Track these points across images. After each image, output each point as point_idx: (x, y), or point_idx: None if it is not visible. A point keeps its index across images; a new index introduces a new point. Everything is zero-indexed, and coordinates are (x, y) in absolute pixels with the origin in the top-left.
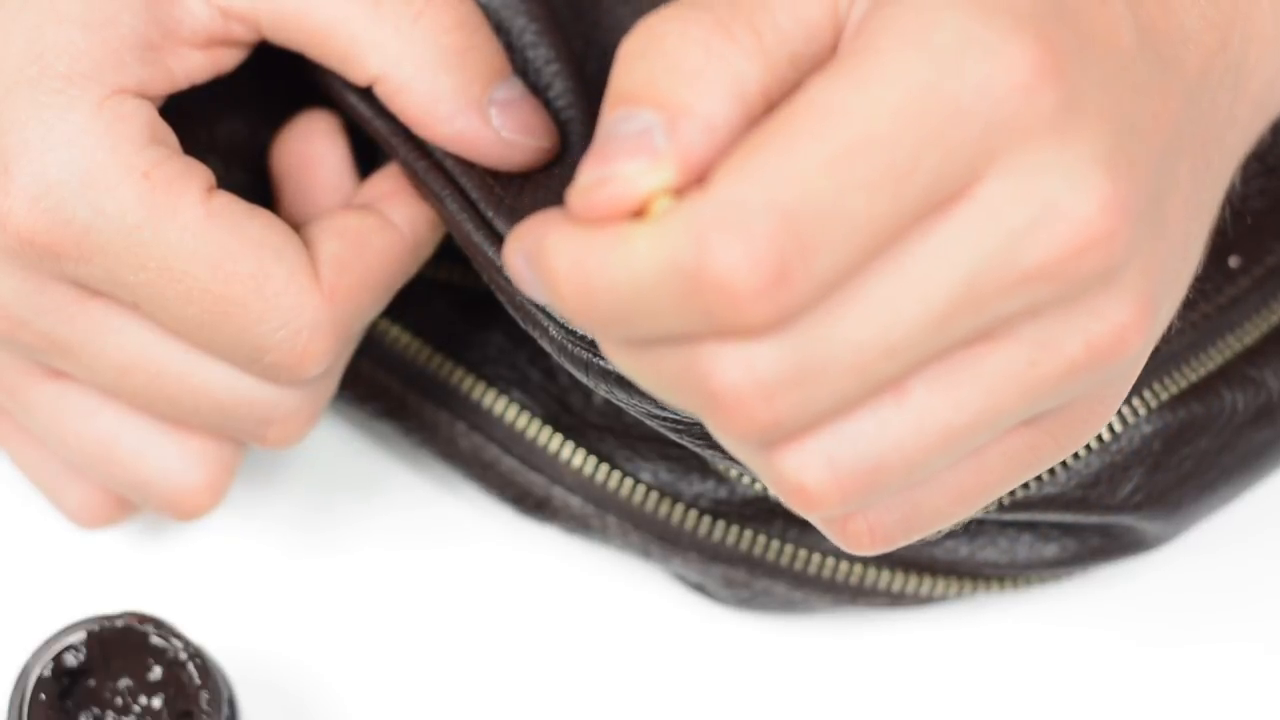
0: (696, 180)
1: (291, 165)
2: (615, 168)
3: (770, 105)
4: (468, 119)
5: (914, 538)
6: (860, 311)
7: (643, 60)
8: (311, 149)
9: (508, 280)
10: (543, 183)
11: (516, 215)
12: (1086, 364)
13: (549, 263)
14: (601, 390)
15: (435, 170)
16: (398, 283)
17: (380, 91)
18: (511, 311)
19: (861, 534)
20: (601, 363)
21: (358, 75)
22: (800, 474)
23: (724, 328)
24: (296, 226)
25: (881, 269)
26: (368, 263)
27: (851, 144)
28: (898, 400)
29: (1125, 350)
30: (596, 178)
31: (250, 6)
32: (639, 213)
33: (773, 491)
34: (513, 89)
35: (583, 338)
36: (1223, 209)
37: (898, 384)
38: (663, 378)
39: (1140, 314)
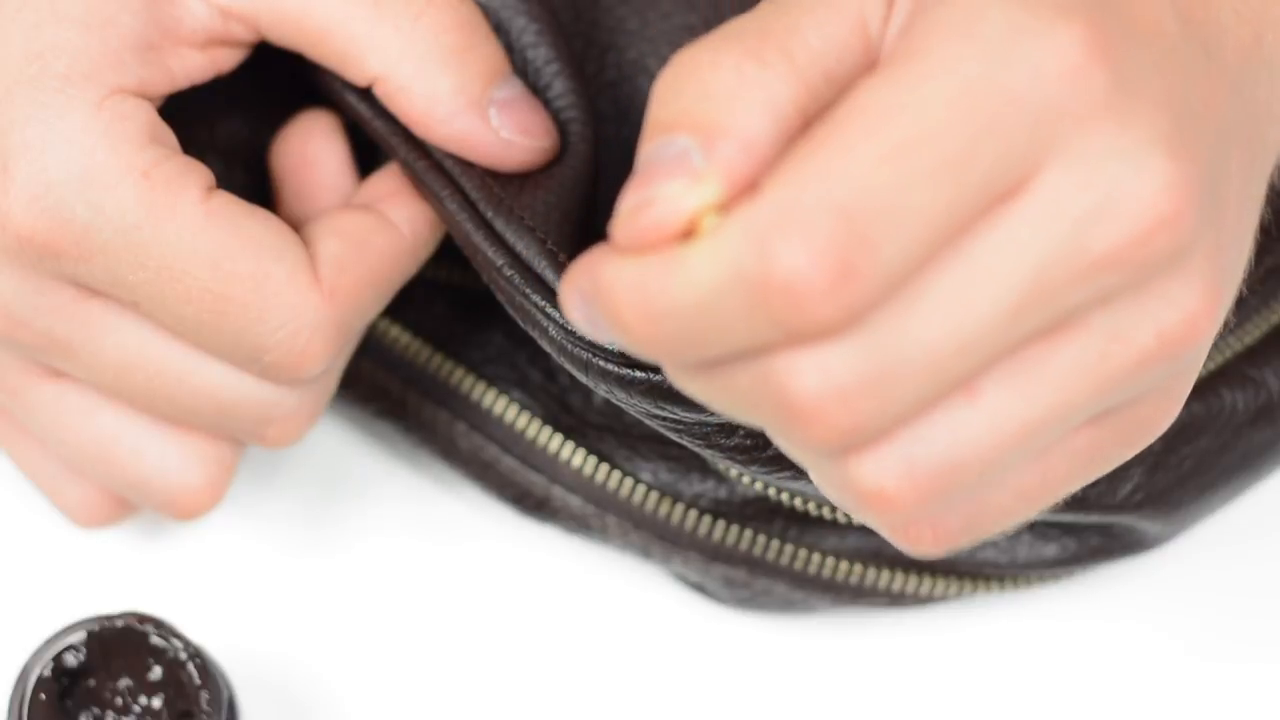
0: (741, 195)
1: (291, 165)
2: (655, 190)
3: (807, 122)
4: (467, 119)
5: (976, 539)
6: (930, 308)
7: (676, 91)
8: (311, 149)
9: (507, 280)
10: (543, 183)
11: (516, 215)
12: (1158, 353)
13: (609, 296)
14: (601, 390)
15: (435, 170)
16: (397, 283)
17: (380, 92)
18: (511, 311)
19: (924, 535)
20: (601, 362)
21: (357, 75)
22: (879, 479)
23: (794, 333)
24: (296, 226)
25: (949, 264)
26: (368, 263)
27: (906, 139)
28: (970, 400)
29: (1196, 338)
30: (637, 202)
31: (250, 6)
32: (688, 233)
33: (843, 499)
34: (513, 89)
35: (582, 338)
36: (1263, 208)
37: (969, 383)
38: (736, 396)
39: (1209, 299)
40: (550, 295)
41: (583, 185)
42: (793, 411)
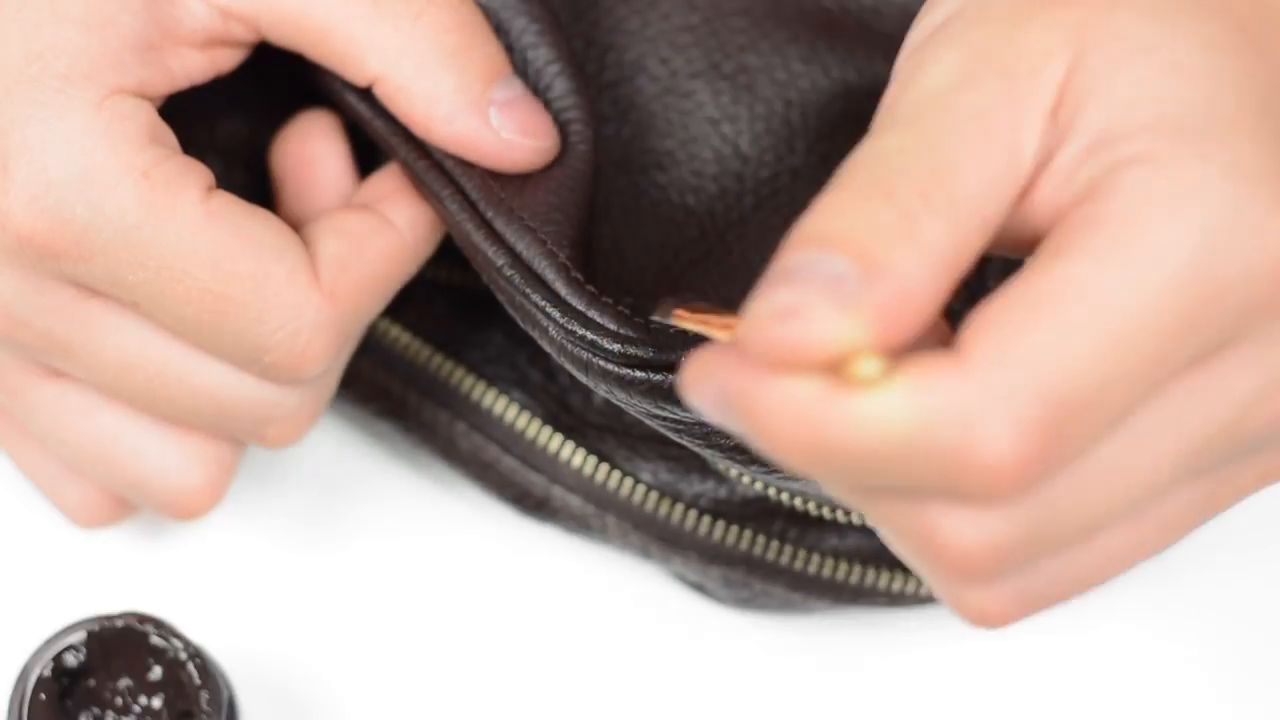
0: (891, 341)
1: (291, 165)
2: (802, 300)
3: (955, 272)
4: (467, 119)
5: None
6: (1094, 481)
7: (842, 212)
8: (311, 149)
9: (507, 280)
10: (543, 183)
11: (516, 215)
12: (1254, 488)
13: (765, 417)
14: (601, 390)
15: (435, 170)
16: (397, 283)
17: (380, 92)
18: (511, 311)
19: (1002, 622)
20: (601, 363)
21: (357, 76)
22: (987, 604)
23: (969, 496)
24: (296, 226)
25: (1119, 439)
26: (368, 263)
27: (1123, 331)
28: (1089, 540)
29: None
30: (780, 307)
31: (250, 6)
32: (837, 367)
33: (944, 603)
34: (513, 89)
35: (582, 338)
36: None
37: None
38: (879, 516)
39: None
40: (551, 295)
41: (583, 186)
42: (939, 555)
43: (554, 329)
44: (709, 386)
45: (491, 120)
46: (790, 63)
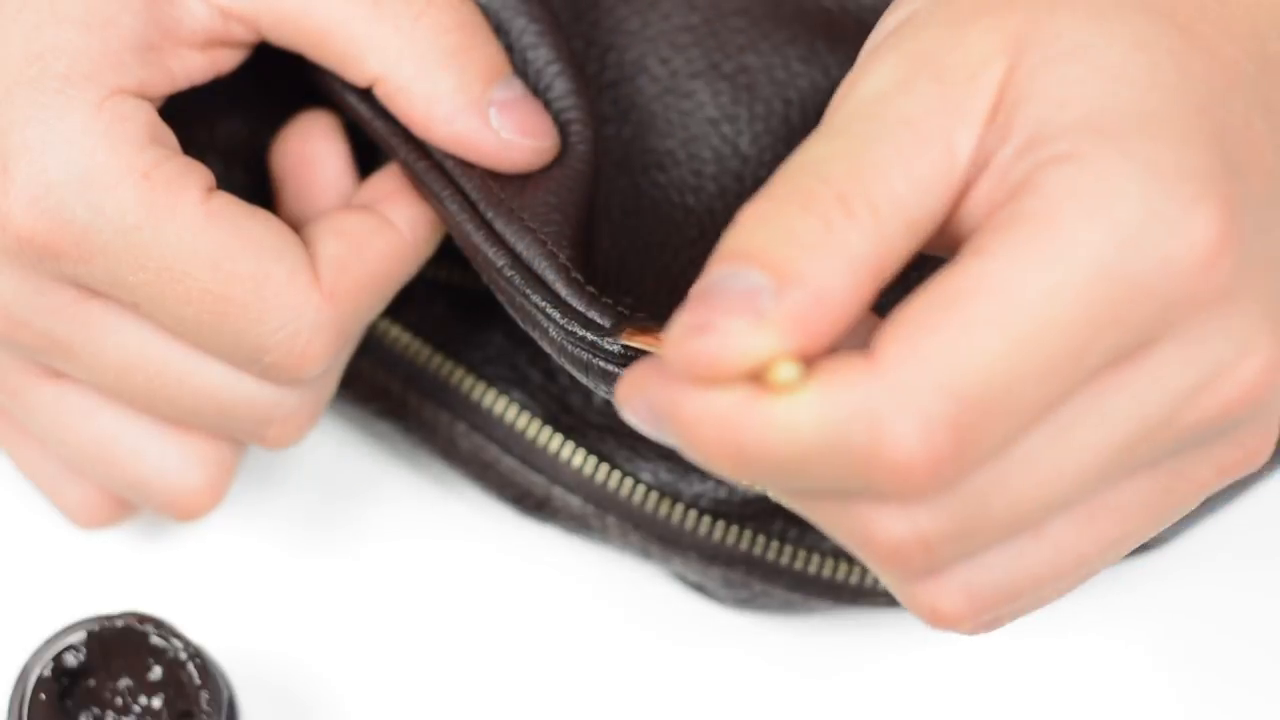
0: (806, 349)
1: (291, 165)
2: (716, 319)
3: (878, 276)
4: (467, 120)
5: (1019, 617)
6: (1021, 472)
7: (761, 225)
8: (311, 149)
9: (507, 281)
10: (543, 183)
11: (516, 215)
12: (1215, 483)
13: (691, 427)
14: (601, 391)
15: (435, 170)
16: (397, 283)
17: (380, 92)
18: (511, 312)
19: (976, 628)
20: (601, 363)
21: (357, 76)
22: (936, 601)
23: (889, 495)
24: (297, 226)
25: (1044, 434)
26: (368, 263)
27: (1032, 330)
28: (1035, 534)
29: (1251, 468)
30: (696, 323)
31: (250, 7)
32: (756, 375)
33: (903, 603)
34: (513, 89)
35: (582, 339)
36: None
37: (1038, 522)
38: (817, 516)
39: (1269, 437)
40: (551, 296)
41: (583, 186)
42: (873, 549)
43: (554, 329)
44: (640, 400)
45: (491, 121)
46: (790, 63)
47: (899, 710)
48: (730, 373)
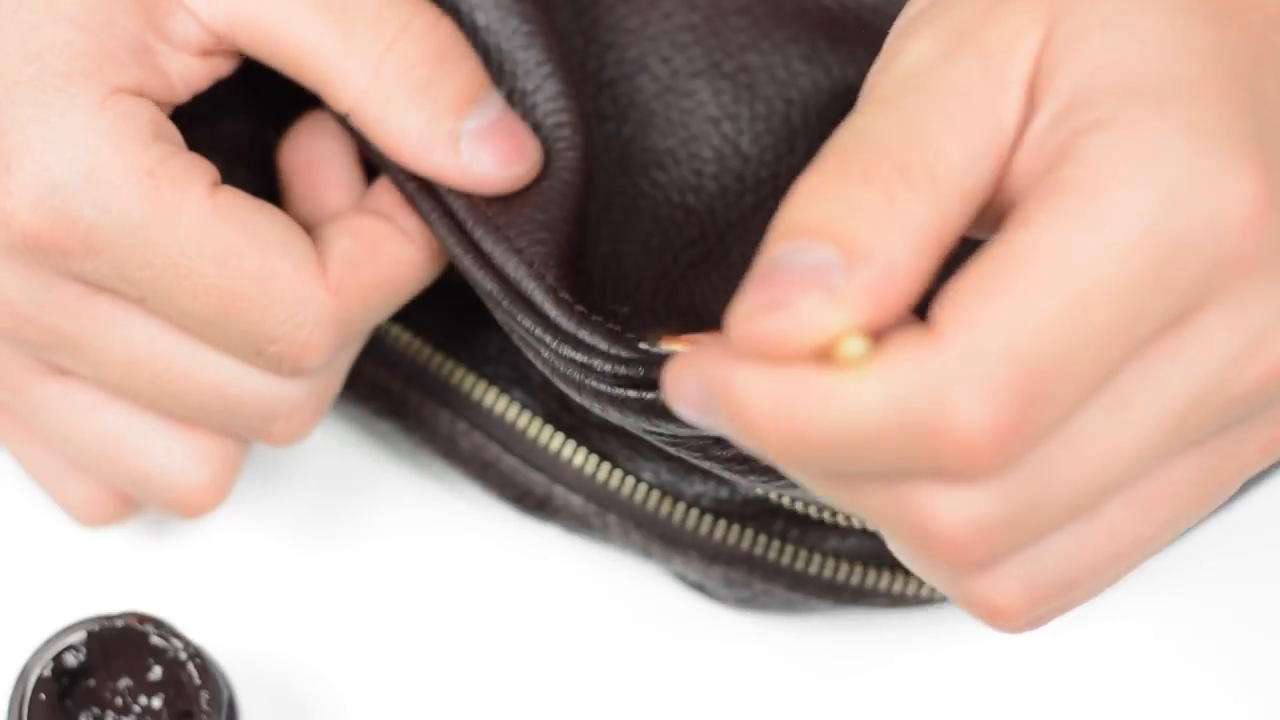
0: (880, 323)
1: (300, 165)
2: (787, 296)
3: (939, 248)
4: (438, 155)
5: (1060, 615)
6: (1079, 449)
7: (821, 198)
8: (321, 148)
9: (497, 304)
10: (531, 199)
11: (504, 234)
12: (1258, 462)
13: (746, 406)
14: (596, 410)
15: (424, 191)
16: (406, 292)
17: (353, 122)
18: (507, 331)
19: (1024, 624)
20: (594, 384)
21: (333, 103)
22: (996, 597)
23: (949, 473)
24: (306, 226)
25: (1103, 408)
26: (379, 265)
27: (1087, 291)
28: (1091, 519)
29: None
30: (764, 303)
31: (227, 28)
32: (823, 353)
33: (953, 600)
34: (488, 113)
35: (572, 360)
36: None
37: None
38: (865, 508)
39: None
40: (540, 318)
41: (572, 196)
42: (929, 540)
43: (546, 351)
44: (691, 382)
45: (464, 154)
46: (791, 62)
47: (900, 710)
48: (802, 351)
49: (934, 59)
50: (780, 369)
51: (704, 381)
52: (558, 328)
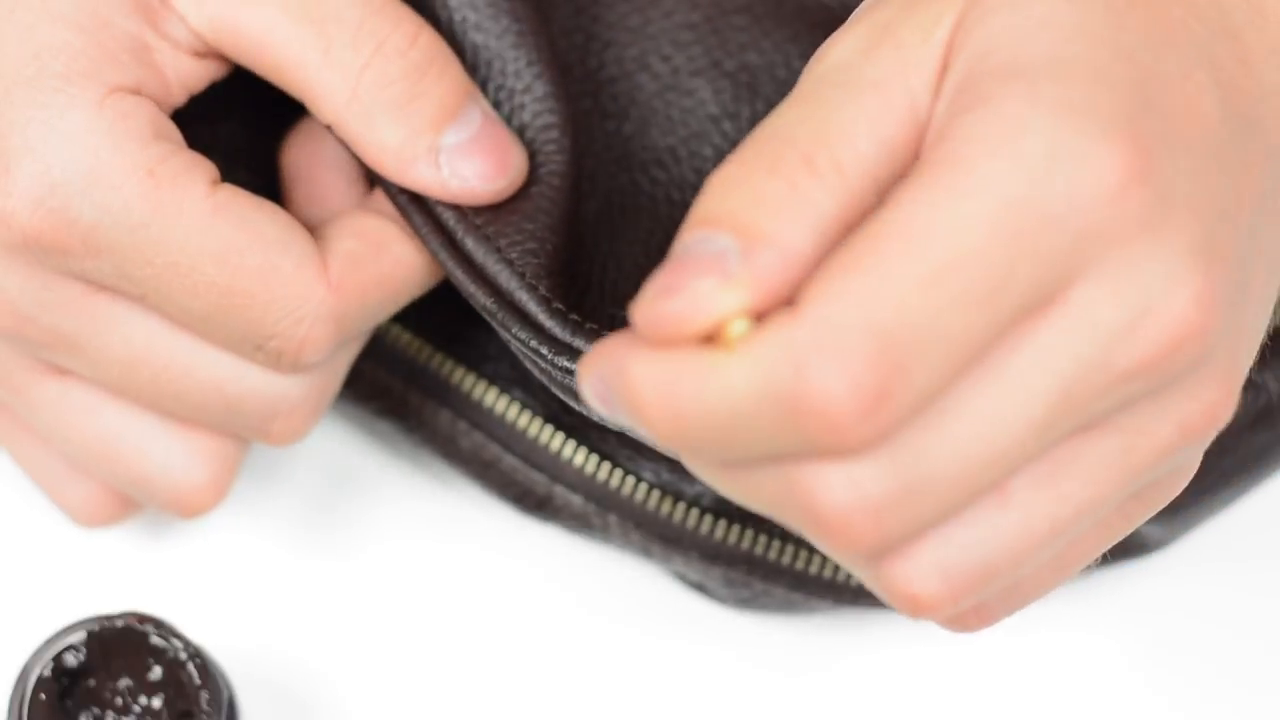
0: (770, 307)
1: (303, 165)
2: (681, 281)
3: (848, 231)
4: (418, 169)
5: (1016, 611)
6: (961, 424)
7: (729, 190)
8: (324, 149)
9: (492, 316)
10: (520, 207)
11: (494, 245)
12: (1180, 442)
13: (634, 391)
14: (594, 417)
15: (415, 204)
16: (407, 292)
17: (336, 135)
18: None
19: (969, 619)
20: None
21: (317, 115)
22: (911, 585)
23: (824, 449)
24: (311, 227)
25: (979, 379)
26: (381, 265)
27: (945, 261)
28: (1001, 502)
29: (1215, 425)
30: (661, 287)
31: (214, 37)
32: (713, 336)
33: (882, 596)
34: (468, 127)
35: (567, 369)
36: None
37: (1000, 486)
38: (760, 498)
39: (1228, 389)
40: (534, 329)
41: (561, 203)
42: (819, 522)
43: (543, 361)
44: (594, 375)
45: (444, 169)
46: (791, 60)
47: (899, 710)
48: (693, 332)
49: (854, 55)
50: (666, 353)
51: (603, 373)
52: (553, 338)
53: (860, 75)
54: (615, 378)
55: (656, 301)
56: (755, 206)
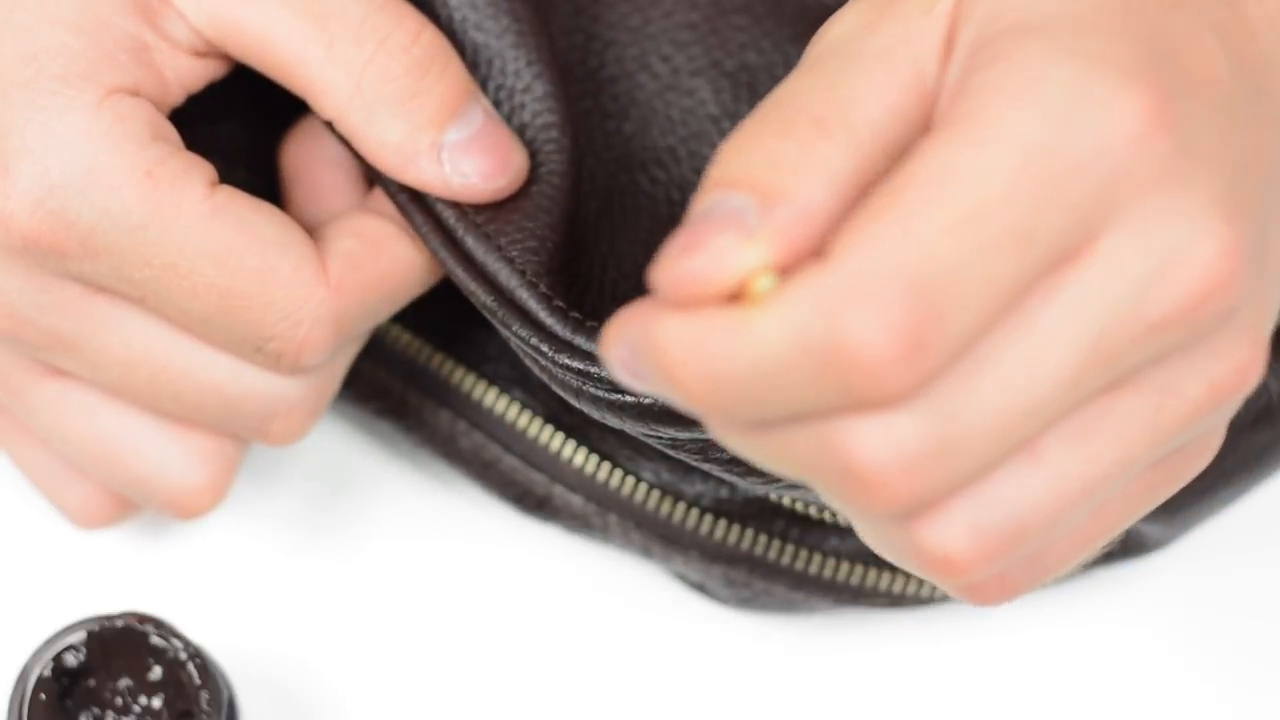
0: (794, 262)
1: (303, 165)
2: (701, 239)
3: (863, 192)
4: (419, 166)
5: (1039, 585)
6: (996, 375)
7: (740, 154)
8: (323, 149)
9: (492, 314)
10: (520, 205)
11: (494, 243)
12: (1210, 404)
13: (664, 353)
14: (595, 415)
15: (415, 202)
16: (407, 292)
17: (338, 131)
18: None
19: (991, 589)
20: (592, 389)
21: (319, 111)
22: (945, 545)
23: (861, 401)
24: (311, 227)
25: (1012, 329)
26: (380, 265)
27: (972, 207)
28: (1033, 460)
29: (1245, 386)
30: (681, 247)
31: (216, 34)
32: (738, 294)
33: (906, 561)
34: (469, 125)
35: (569, 367)
36: None
37: (1032, 443)
38: (792, 458)
39: (1256, 349)
40: (535, 327)
41: (561, 202)
42: (855, 478)
43: (543, 359)
44: (621, 343)
45: (445, 165)
46: (791, 60)
47: (900, 710)
48: (716, 290)
49: (856, 30)
50: (694, 312)
51: (630, 340)
52: (554, 335)
53: (863, 48)
54: (643, 342)
55: (678, 261)
56: (770, 167)
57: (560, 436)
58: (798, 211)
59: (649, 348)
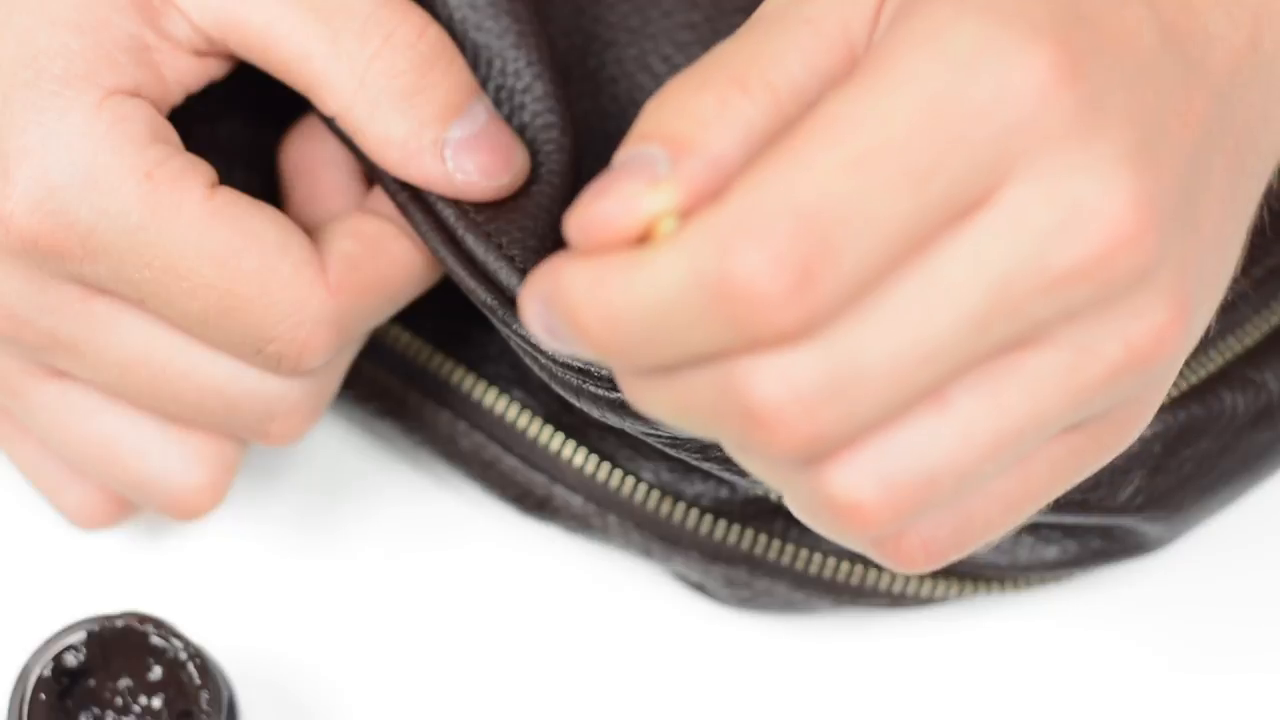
0: (701, 205)
1: (302, 165)
2: (609, 186)
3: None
4: (422, 162)
5: (966, 551)
6: (892, 316)
7: (659, 109)
8: (322, 149)
9: (491, 312)
10: (520, 205)
11: (494, 242)
12: (1127, 366)
13: (567, 297)
14: (594, 414)
15: (415, 201)
16: (407, 293)
17: (340, 127)
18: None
19: (915, 552)
20: (592, 388)
21: (321, 107)
22: (851, 492)
23: (754, 337)
24: (307, 227)
25: (911, 274)
26: (379, 265)
27: (869, 147)
28: (941, 409)
29: (1164, 351)
30: (590, 195)
31: (218, 31)
32: (644, 238)
33: (818, 516)
34: (472, 123)
35: (568, 365)
36: (1260, 210)
37: (939, 393)
38: (695, 404)
39: (1177, 313)
40: None
41: (561, 202)
42: (753, 418)
43: (543, 358)
44: (533, 298)
45: (448, 162)
46: None
47: (899, 710)
48: (621, 234)
49: None
50: (597, 257)
51: (542, 293)
52: None
53: (796, 13)
54: (550, 290)
55: (587, 207)
56: (684, 119)
57: (560, 436)
58: (707, 161)
59: (555, 294)
